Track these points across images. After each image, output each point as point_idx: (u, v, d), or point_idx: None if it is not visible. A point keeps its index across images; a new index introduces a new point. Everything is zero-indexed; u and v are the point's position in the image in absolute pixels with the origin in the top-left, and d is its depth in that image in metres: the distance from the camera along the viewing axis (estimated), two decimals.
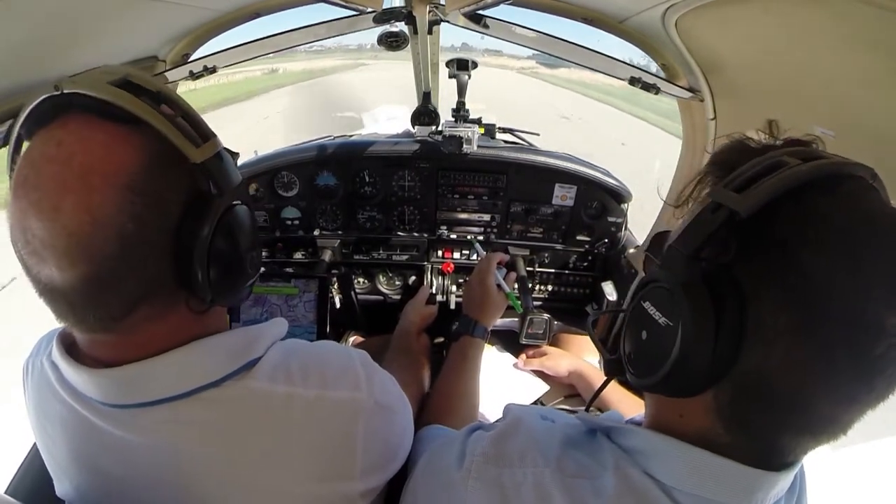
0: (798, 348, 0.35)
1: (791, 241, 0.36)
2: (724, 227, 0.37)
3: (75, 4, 0.67)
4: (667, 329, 0.39)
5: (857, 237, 0.35)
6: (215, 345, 0.49)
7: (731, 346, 0.37)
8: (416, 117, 1.42)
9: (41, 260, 0.39)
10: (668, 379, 0.39)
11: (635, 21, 1.01)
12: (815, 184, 0.36)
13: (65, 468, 0.53)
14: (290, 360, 0.52)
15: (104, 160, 0.40)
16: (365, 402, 0.53)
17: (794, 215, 0.36)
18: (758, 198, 0.36)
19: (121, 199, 0.39)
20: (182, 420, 0.47)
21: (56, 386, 0.49)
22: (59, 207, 0.38)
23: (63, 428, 0.50)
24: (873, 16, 0.53)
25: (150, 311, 0.44)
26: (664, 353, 0.39)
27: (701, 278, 0.38)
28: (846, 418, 0.37)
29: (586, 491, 0.43)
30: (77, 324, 0.43)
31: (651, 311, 0.41)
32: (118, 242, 0.39)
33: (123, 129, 0.41)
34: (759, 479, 0.40)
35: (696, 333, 0.37)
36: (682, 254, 0.39)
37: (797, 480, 0.49)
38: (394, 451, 0.59)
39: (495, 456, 0.49)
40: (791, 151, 0.39)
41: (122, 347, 0.45)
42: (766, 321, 0.36)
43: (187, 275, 0.44)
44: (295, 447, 0.49)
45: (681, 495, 0.41)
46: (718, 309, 0.37)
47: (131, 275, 0.42)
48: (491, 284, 1.04)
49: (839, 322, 0.34)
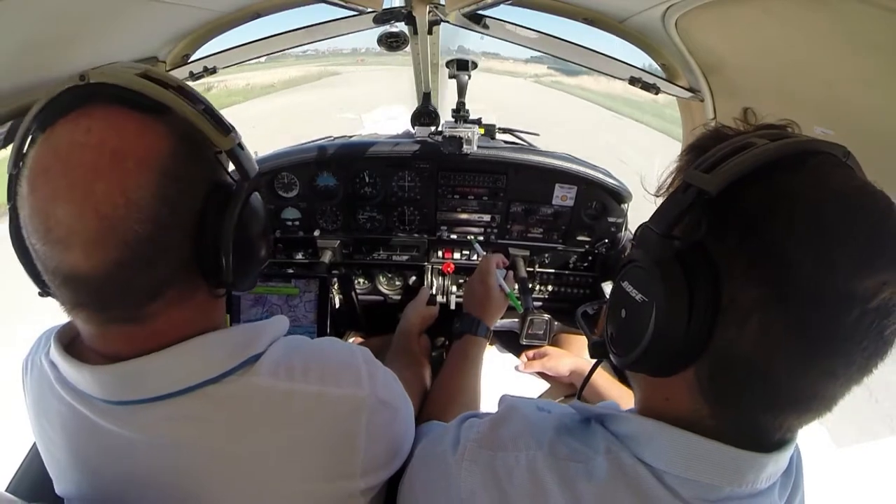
0: (771, 323, 0.35)
1: (759, 217, 0.37)
2: (695, 205, 0.38)
3: (75, 5, 0.67)
4: (643, 305, 0.41)
5: (822, 209, 0.35)
6: (216, 341, 0.49)
7: (705, 322, 0.37)
8: (416, 118, 1.42)
9: (66, 247, 0.39)
10: (646, 355, 0.40)
11: (635, 21, 1.01)
12: (782, 162, 0.37)
13: (65, 467, 0.53)
14: (291, 357, 0.52)
15: (136, 145, 0.40)
16: (367, 398, 0.53)
17: (762, 192, 0.37)
18: (725, 176, 0.37)
19: (153, 182, 0.40)
20: (183, 416, 0.47)
21: (55, 384, 0.49)
22: (90, 192, 0.38)
23: (63, 426, 0.50)
24: (873, 16, 0.53)
25: (174, 296, 0.45)
26: (641, 329, 0.40)
27: (674, 256, 0.39)
28: (828, 394, 0.37)
29: (578, 474, 0.44)
30: (98, 312, 0.43)
31: (629, 290, 0.43)
32: (152, 225, 0.40)
33: (150, 117, 0.42)
34: (748, 461, 0.40)
35: (671, 309, 0.38)
36: (655, 232, 0.40)
37: (793, 466, 0.49)
38: (396, 448, 0.58)
39: (489, 440, 0.50)
40: (761, 133, 0.41)
41: (136, 338, 0.45)
42: (738, 297, 0.36)
43: (212, 258, 0.45)
44: (296, 444, 0.49)
45: (671, 479, 0.42)
46: (692, 285, 0.38)
47: (161, 258, 0.42)
48: (493, 284, 1.04)
49: (809, 294, 0.34)
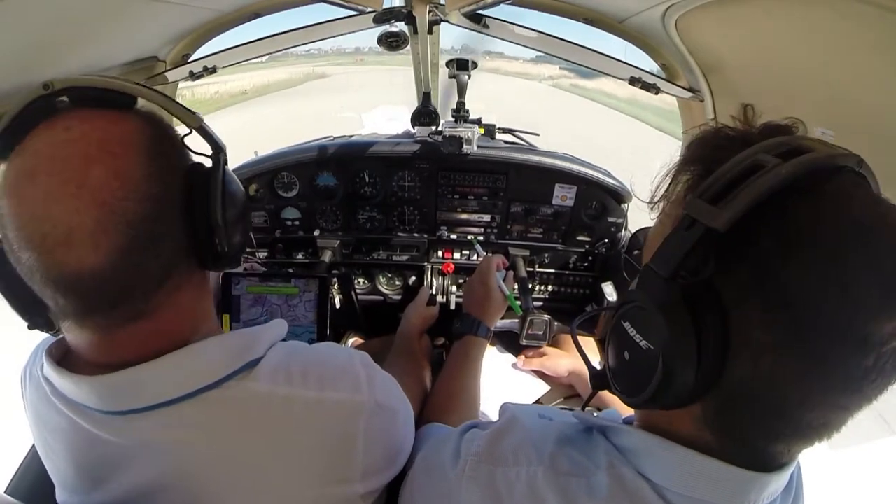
0: (786, 362, 0.34)
1: (773, 253, 0.34)
2: (701, 243, 0.35)
3: (76, 5, 0.67)
4: (648, 352, 0.38)
5: (844, 248, 0.32)
6: (214, 345, 0.48)
7: (715, 362, 0.36)
8: (416, 118, 1.42)
9: (69, 246, 0.38)
10: (652, 399, 0.38)
11: (635, 21, 1.01)
12: (796, 186, 0.33)
13: (67, 477, 0.52)
14: (290, 362, 0.52)
15: (115, 132, 0.42)
16: (365, 403, 0.52)
17: (776, 225, 0.34)
18: (734, 210, 0.33)
19: (142, 163, 0.41)
20: (182, 423, 0.46)
21: (52, 398, 0.49)
22: (85, 182, 0.38)
23: (63, 438, 0.50)
24: (873, 16, 0.53)
25: (177, 280, 0.46)
26: (647, 375, 0.38)
27: (681, 298, 0.36)
28: (837, 422, 0.36)
29: (579, 490, 0.43)
30: (107, 313, 0.43)
31: (631, 333, 0.40)
32: (149, 203, 0.41)
33: (118, 112, 0.44)
34: (751, 481, 0.40)
35: (679, 356, 0.36)
36: (658, 274, 0.37)
37: (794, 481, 0.48)
38: (395, 452, 0.58)
39: (489, 455, 0.49)
40: (768, 146, 0.36)
41: (144, 337, 0.45)
42: (751, 335, 0.34)
43: (206, 233, 0.46)
44: (295, 449, 0.49)
45: (673, 496, 0.41)
46: (700, 327, 0.35)
47: (165, 237, 0.43)
48: (493, 284, 1.04)
49: (828, 336, 0.32)
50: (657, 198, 0.45)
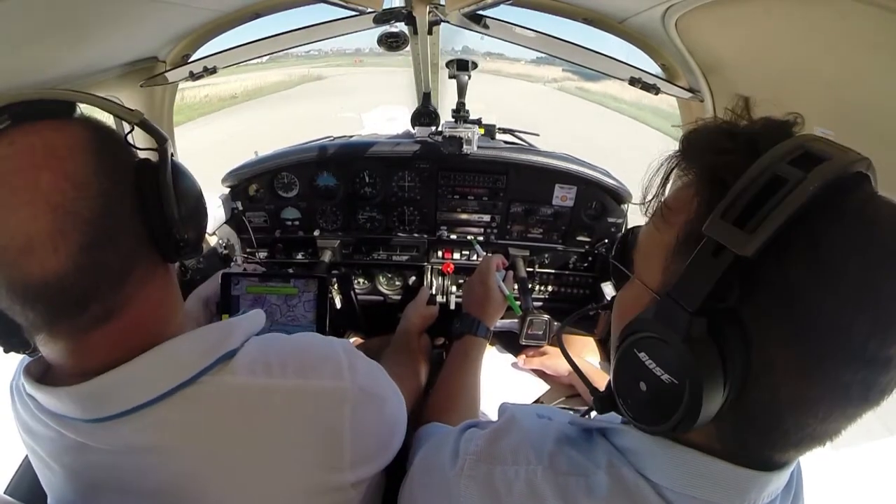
0: (811, 388, 0.34)
1: (802, 281, 0.32)
2: (729, 272, 0.33)
3: (76, 6, 0.67)
4: (670, 385, 0.36)
5: (874, 274, 0.32)
6: (186, 342, 0.48)
7: (737, 389, 0.35)
8: (416, 118, 1.42)
9: (29, 254, 0.38)
10: (673, 430, 0.37)
11: (635, 21, 1.02)
12: (820, 203, 0.32)
13: (58, 486, 0.52)
14: (268, 352, 0.51)
15: (59, 137, 0.42)
16: (349, 390, 0.52)
17: (803, 249, 0.32)
18: (765, 235, 0.32)
19: (89, 162, 0.42)
20: (163, 423, 0.46)
21: (38, 414, 0.49)
22: (36, 188, 0.39)
23: (53, 450, 0.50)
24: (873, 16, 0.53)
25: (141, 274, 0.46)
26: (669, 408, 0.36)
27: (706, 330, 0.34)
28: (843, 429, 0.37)
29: (579, 489, 0.43)
30: (76, 317, 0.42)
31: (650, 365, 0.38)
32: (102, 199, 0.41)
33: (59, 120, 0.44)
34: (751, 480, 0.40)
35: (706, 389, 0.34)
36: (682, 308, 0.35)
37: (794, 479, 0.48)
38: (385, 440, 0.58)
39: (488, 454, 0.49)
40: (782, 153, 0.35)
41: (117, 336, 0.45)
42: (775, 362, 0.34)
43: (161, 225, 0.46)
44: (278, 439, 0.48)
45: (673, 495, 0.41)
46: (725, 357, 0.34)
47: (122, 232, 0.44)
48: (493, 284, 1.04)
49: (856, 363, 0.32)
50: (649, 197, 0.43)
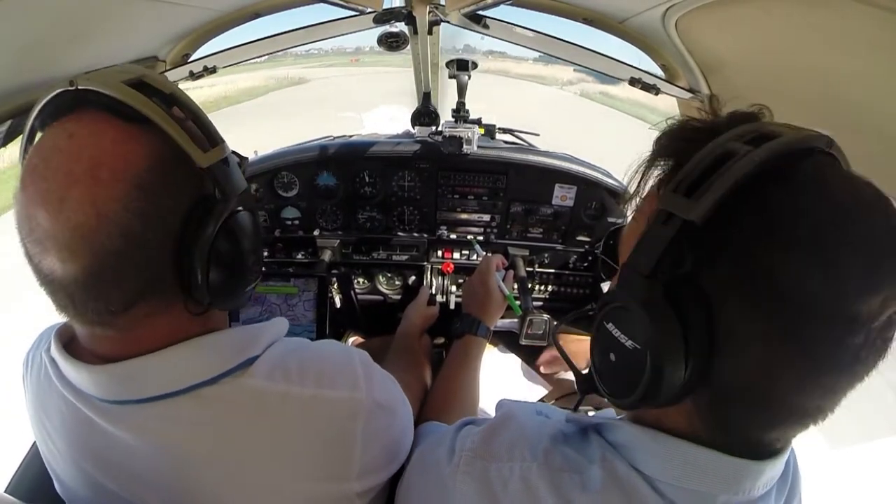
0: (775, 350, 0.34)
1: (753, 241, 0.34)
2: (679, 237, 0.35)
3: (76, 5, 0.67)
4: (634, 352, 0.38)
5: (824, 231, 0.33)
6: (212, 342, 0.49)
7: (704, 357, 0.35)
8: (416, 118, 1.42)
9: (44, 250, 0.39)
10: (642, 400, 0.38)
11: (635, 21, 1.01)
12: (770, 171, 0.33)
13: (63, 465, 0.53)
14: (288, 359, 0.52)
15: (113, 155, 0.40)
16: (364, 402, 0.52)
17: (753, 214, 0.34)
18: (710, 200, 0.33)
19: (127, 196, 0.40)
20: (177, 417, 0.47)
21: (55, 381, 0.49)
22: (64, 198, 0.38)
23: (62, 423, 0.50)
24: (873, 15, 0.53)
25: (148, 308, 0.44)
26: (635, 376, 0.38)
27: (662, 295, 0.35)
28: (830, 405, 0.36)
29: (573, 485, 0.43)
30: (76, 316, 0.43)
31: (616, 334, 0.39)
32: (121, 239, 0.40)
33: (134, 127, 0.42)
34: (744, 469, 0.40)
35: (666, 353, 0.35)
36: (638, 272, 0.37)
37: (790, 469, 0.48)
38: (393, 452, 0.58)
39: (484, 450, 0.49)
40: (737, 134, 0.36)
41: (119, 343, 0.46)
42: (737, 326, 0.34)
43: (187, 277, 0.44)
44: (291, 446, 0.49)
45: (666, 487, 0.41)
46: (685, 322, 0.35)
47: (132, 272, 0.42)
48: (492, 284, 1.04)
49: (816, 319, 0.33)
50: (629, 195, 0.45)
